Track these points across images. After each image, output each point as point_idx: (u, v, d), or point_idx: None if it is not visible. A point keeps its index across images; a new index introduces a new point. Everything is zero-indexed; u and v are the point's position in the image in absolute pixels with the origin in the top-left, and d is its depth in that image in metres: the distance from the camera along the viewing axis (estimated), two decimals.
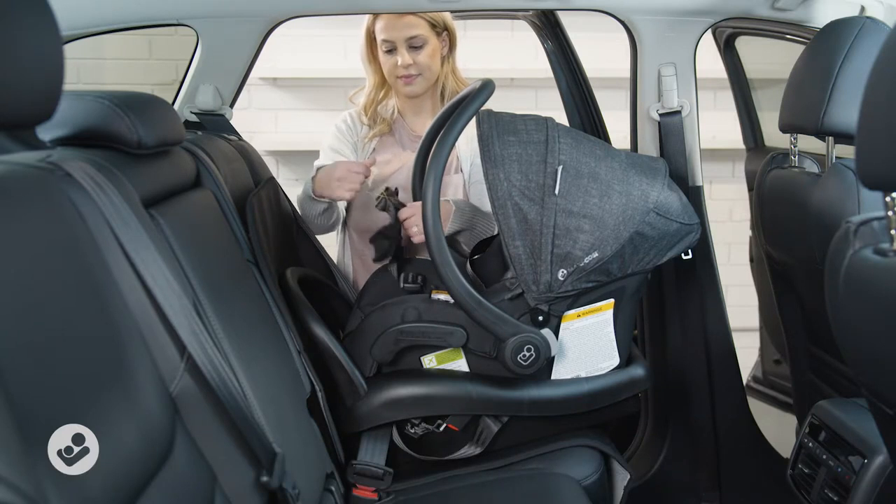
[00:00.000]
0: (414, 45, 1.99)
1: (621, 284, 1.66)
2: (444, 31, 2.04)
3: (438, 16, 2.02)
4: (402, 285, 1.79)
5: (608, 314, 1.68)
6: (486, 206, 1.88)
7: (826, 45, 1.63)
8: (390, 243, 1.84)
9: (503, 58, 3.64)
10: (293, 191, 2.13)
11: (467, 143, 1.99)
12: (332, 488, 1.53)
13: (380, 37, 2.02)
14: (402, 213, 1.83)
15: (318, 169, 2.00)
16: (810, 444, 1.63)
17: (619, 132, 2.23)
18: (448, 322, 1.64)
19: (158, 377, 1.02)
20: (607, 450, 1.76)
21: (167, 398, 1.03)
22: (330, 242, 2.17)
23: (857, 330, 1.04)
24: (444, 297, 1.66)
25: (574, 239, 1.57)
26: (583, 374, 1.70)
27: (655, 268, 1.70)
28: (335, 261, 2.12)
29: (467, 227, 1.92)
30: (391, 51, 2.01)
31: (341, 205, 2.10)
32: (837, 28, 1.64)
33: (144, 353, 1.01)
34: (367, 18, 2.05)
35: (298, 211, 2.03)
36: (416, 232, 1.81)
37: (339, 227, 2.17)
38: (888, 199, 0.91)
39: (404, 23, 1.98)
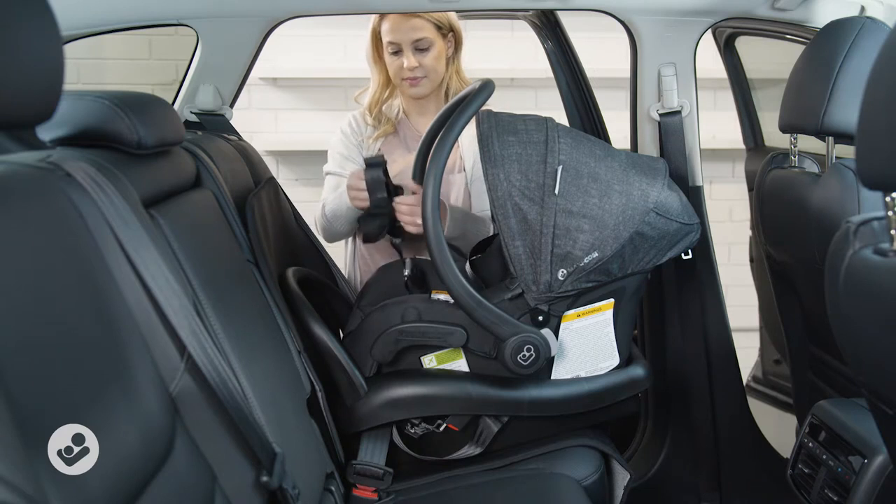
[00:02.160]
0: (420, 48, 1.99)
1: (621, 284, 1.66)
2: (449, 33, 2.04)
3: (444, 17, 2.02)
4: (405, 273, 1.79)
5: (608, 314, 1.68)
6: (487, 204, 1.87)
7: (826, 45, 1.63)
8: (381, 222, 1.83)
9: (503, 58, 3.64)
10: (293, 191, 2.13)
11: (471, 142, 1.99)
12: (332, 488, 1.53)
13: (385, 38, 2.01)
14: (398, 199, 1.82)
15: (327, 174, 2.04)
16: (810, 444, 1.63)
17: (619, 132, 2.23)
18: (448, 322, 1.64)
19: (158, 377, 1.02)
20: (607, 450, 1.76)
21: (167, 398, 1.03)
22: (331, 247, 2.16)
23: (857, 330, 1.04)
24: (444, 297, 1.66)
25: (574, 239, 1.57)
26: (583, 374, 1.70)
27: (655, 268, 1.70)
28: (344, 272, 2.12)
29: (459, 233, 1.92)
30: (397, 52, 2.01)
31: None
32: (837, 28, 1.64)
33: (144, 353, 1.01)
34: (372, 19, 2.06)
35: (327, 212, 2.02)
36: (407, 221, 1.80)
37: (349, 238, 2.16)
38: (888, 199, 0.91)
39: (410, 25, 1.98)
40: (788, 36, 1.98)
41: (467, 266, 1.75)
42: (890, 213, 0.92)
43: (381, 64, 2.06)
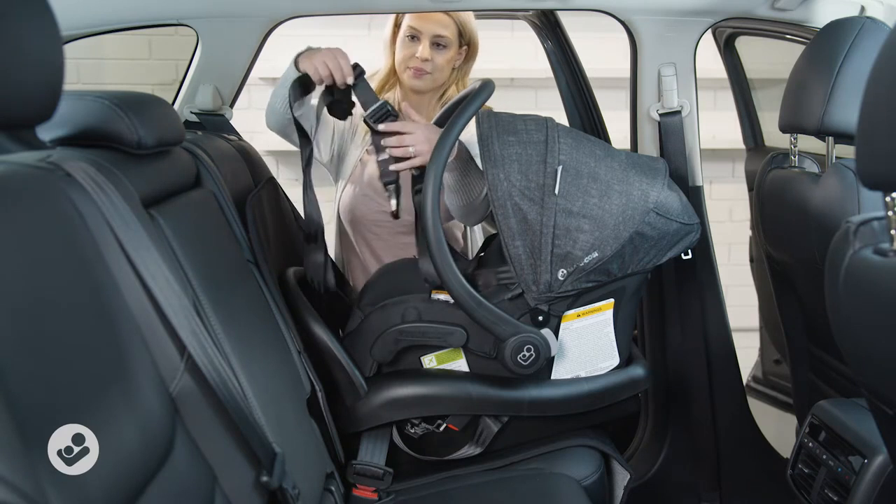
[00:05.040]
0: (438, 44, 1.98)
1: (621, 284, 1.66)
2: (465, 45, 2.03)
3: (468, 26, 2.00)
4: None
5: (608, 314, 1.68)
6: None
7: (826, 45, 1.63)
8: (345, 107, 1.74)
9: (503, 58, 3.64)
10: (293, 191, 2.13)
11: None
12: (332, 488, 1.53)
13: (407, 23, 1.99)
14: (396, 126, 1.70)
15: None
16: (810, 444, 1.63)
17: (619, 132, 2.23)
18: (448, 322, 1.64)
19: (158, 377, 1.02)
20: (607, 450, 1.76)
21: (167, 398, 1.03)
22: (331, 242, 2.16)
23: (857, 330, 1.04)
24: (444, 297, 1.66)
25: (574, 239, 1.57)
26: (583, 374, 1.70)
27: (655, 268, 1.70)
28: (331, 254, 2.11)
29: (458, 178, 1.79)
30: (414, 38, 1.98)
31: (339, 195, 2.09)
32: (837, 28, 1.64)
33: (144, 353, 1.01)
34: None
35: (274, 98, 1.87)
36: (404, 153, 1.69)
37: (335, 227, 2.15)
38: (888, 199, 0.91)
39: (437, 19, 1.96)
40: (788, 36, 1.98)
41: (475, 265, 1.74)
42: (890, 213, 0.92)
43: (394, 51, 2.04)
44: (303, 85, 1.75)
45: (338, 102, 1.77)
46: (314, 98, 1.85)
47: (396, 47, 2.02)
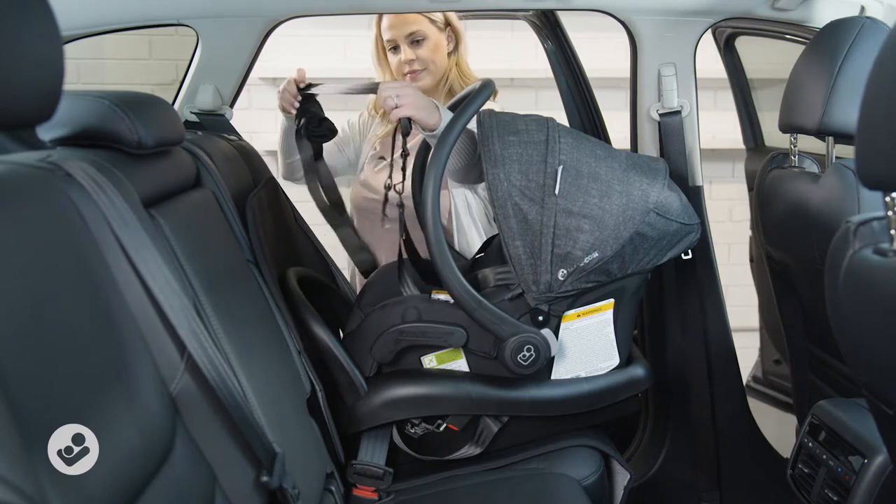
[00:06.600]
0: (415, 40, 2.04)
1: (621, 284, 1.66)
2: (447, 27, 2.07)
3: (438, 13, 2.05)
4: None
5: (608, 314, 1.68)
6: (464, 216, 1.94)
7: (826, 45, 1.63)
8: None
9: (503, 58, 3.64)
10: (293, 191, 2.13)
11: None
12: (332, 488, 1.53)
13: (384, 37, 2.07)
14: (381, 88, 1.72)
15: None
16: (810, 444, 1.63)
17: (619, 132, 2.23)
18: (448, 322, 1.64)
19: (158, 377, 1.02)
20: (607, 450, 1.76)
21: (167, 398, 1.03)
22: (331, 242, 2.16)
23: (856, 330, 1.04)
24: (444, 297, 1.66)
25: (574, 239, 1.57)
26: (583, 374, 1.70)
27: (655, 268, 1.70)
28: (346, 274, 2.14)
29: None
30: (395, 48, 2.06)
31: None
32: (837, 28, 1.64)
33: (144, 353, 1.01)
34: (373, 22, 2.08)
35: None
36: (390, 105, 1.67)
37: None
38: (888, 199, 0.91)
39: (403, 20, 2.03)
40: (788, 36, 1.98)
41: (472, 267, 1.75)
42: (890, 213, 0.92)
43: (386, 64, 2.11)
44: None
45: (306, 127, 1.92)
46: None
47: (389, 63, 2.09)
